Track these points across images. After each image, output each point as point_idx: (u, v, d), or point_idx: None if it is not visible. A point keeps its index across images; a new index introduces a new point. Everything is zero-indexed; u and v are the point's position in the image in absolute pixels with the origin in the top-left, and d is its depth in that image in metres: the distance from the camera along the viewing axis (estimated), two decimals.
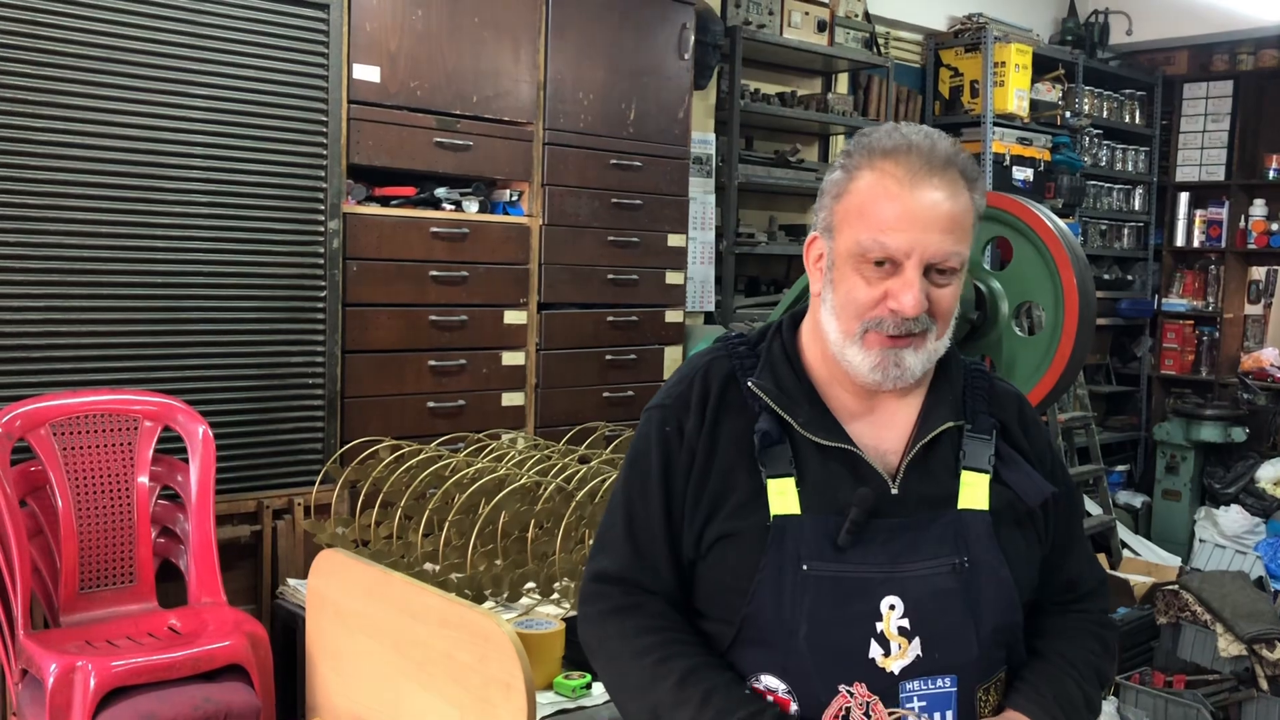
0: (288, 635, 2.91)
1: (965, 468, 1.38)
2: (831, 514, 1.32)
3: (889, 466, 1.36)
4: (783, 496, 1.32)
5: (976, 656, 1.32)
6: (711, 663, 1.34)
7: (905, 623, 1.30)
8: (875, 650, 1.29)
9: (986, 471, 1.38)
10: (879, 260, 1.30)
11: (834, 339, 1.35)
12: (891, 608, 1.30)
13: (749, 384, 1.38)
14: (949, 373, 1.43)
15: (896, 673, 1.29)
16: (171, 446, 2.84)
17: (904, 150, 1.31)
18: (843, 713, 1.28)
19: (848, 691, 1.28)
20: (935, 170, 1.30)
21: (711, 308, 4.61)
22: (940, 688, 1.30)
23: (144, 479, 2.78)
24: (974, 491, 1.36)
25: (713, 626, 1.37)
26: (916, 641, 1.29)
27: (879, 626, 1.29)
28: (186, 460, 2.81)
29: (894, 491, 1.34)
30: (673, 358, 4.07)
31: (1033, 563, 1.41)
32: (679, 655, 1.34)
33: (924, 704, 1.29)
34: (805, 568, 1.29)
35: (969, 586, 1.32)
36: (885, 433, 1.39)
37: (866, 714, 1.28)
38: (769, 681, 1.32)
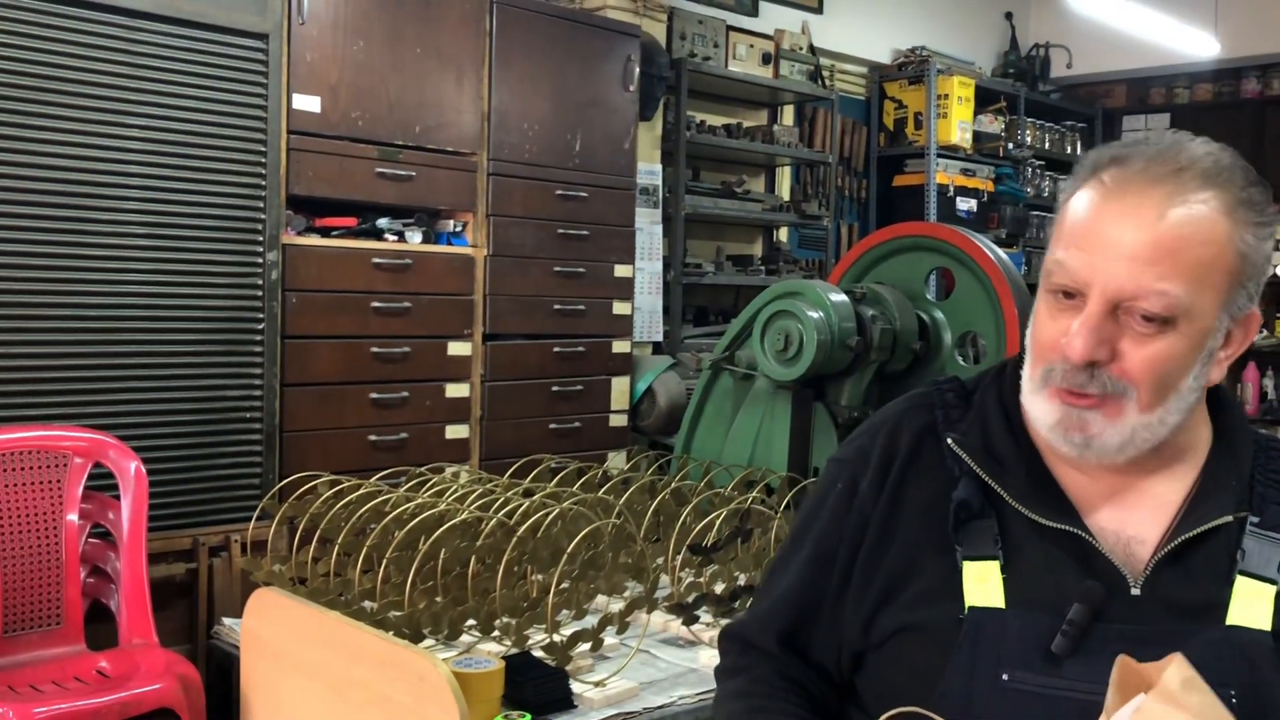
0: (223, 676, 2.83)
1: (1243, 572, 1.06)
2: (1045, 612, 1.03)
3: (1134, 560, 1.07)
4: (983, 584, 1.05)
5: None
6: None
7: None
8: None
9: (1275, 582, 1.05)
10: (1061, 289, 1.04)
11: (1025, 384, 1.10)
12: None
13: (949, 440, 1.12)
14: (1235, 448, 1.12)
15: None
16: (103, 483, 2.77)
17: (1133, 154, 1.04)
18: None
19: None
20: (1155, 178, 1.02)
21: (660, 338, 4.61)
22: None
23: (73, 517, 2.71)
24: (1252, 605, 1.04)
25: None
26: None
27: None
28: (118, 497, 2.74)
29: (1134, 592, 1.05)
30: (620, 388, 4.05)
31: None
32: None
33: None
34: (1005, 678, 1.01)
35: None
36: (1135, 516, 1.09)
37: None
38: None
